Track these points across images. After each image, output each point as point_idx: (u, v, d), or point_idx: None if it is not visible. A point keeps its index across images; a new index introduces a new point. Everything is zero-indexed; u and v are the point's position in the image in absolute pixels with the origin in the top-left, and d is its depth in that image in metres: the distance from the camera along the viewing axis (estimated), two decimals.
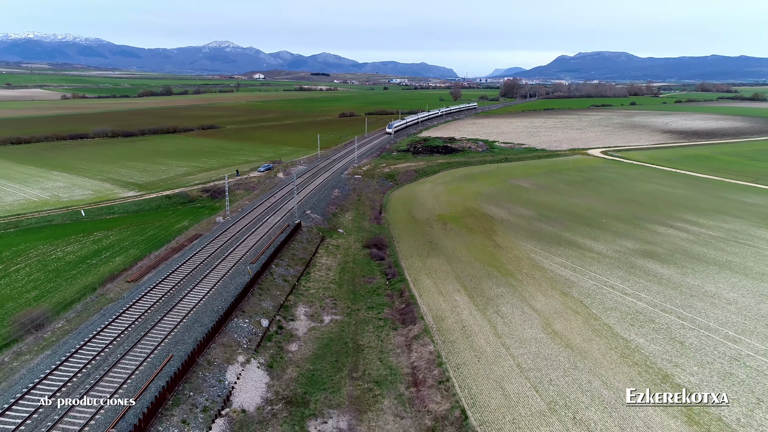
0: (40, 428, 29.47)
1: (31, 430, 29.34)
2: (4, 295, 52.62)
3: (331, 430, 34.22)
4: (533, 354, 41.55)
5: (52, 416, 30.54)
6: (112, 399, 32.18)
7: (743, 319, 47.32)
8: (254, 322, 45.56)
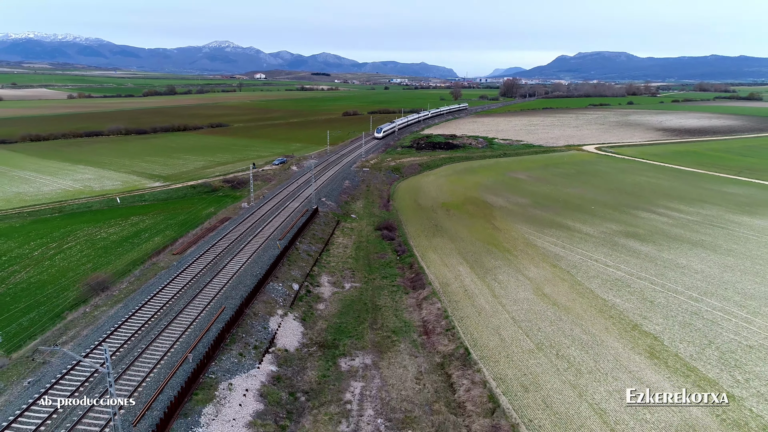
0: (132, 353, 37.08)
1: (124, 356, 36.93)
2: (64, 266, 60.21)
3: (359, 364, 41.80)
4: (525, 310, 49.16)
5: (138, 346, 38.12)
6: (183, 336, 39.79)
7: (706, 284, 54.93)
8: (287, 286, 53.15)
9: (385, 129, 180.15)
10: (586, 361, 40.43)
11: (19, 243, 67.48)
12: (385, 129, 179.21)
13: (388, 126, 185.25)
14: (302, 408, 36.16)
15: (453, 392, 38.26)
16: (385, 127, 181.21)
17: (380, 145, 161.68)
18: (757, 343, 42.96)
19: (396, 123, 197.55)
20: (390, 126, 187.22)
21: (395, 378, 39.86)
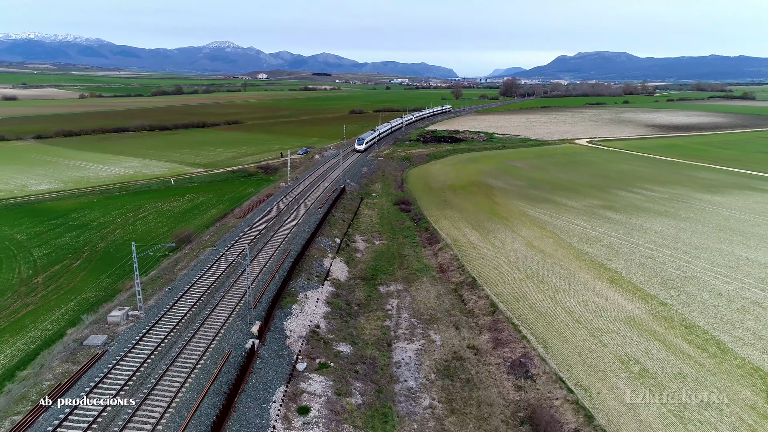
0: (234, 275, 51.36)
1: (229, 275, 51.18)
2: (146, 229, 74.49)
3: (393, 290, 56.07)
4: (518, 255, 63.48)
5: (230, 280, 52.32)
6: (265, 267, 54.06)
7: (662, 240, 69.25)
8: (331, 239, 67.47)
9: (368, 139, 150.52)
10: (562, 285, 54.74)
11: (101, 213, 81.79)
12: (367, 139, 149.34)
13: (370, 135, 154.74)
14: (356, 312, 50.48)
15: (464, 304, 52.60)
16: (368, 137, 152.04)
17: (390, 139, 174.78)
18: (691, 275, 57.24)
19: (378, 130, 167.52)
20: (372, 135, 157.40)
21: (421, 296, 54.17)
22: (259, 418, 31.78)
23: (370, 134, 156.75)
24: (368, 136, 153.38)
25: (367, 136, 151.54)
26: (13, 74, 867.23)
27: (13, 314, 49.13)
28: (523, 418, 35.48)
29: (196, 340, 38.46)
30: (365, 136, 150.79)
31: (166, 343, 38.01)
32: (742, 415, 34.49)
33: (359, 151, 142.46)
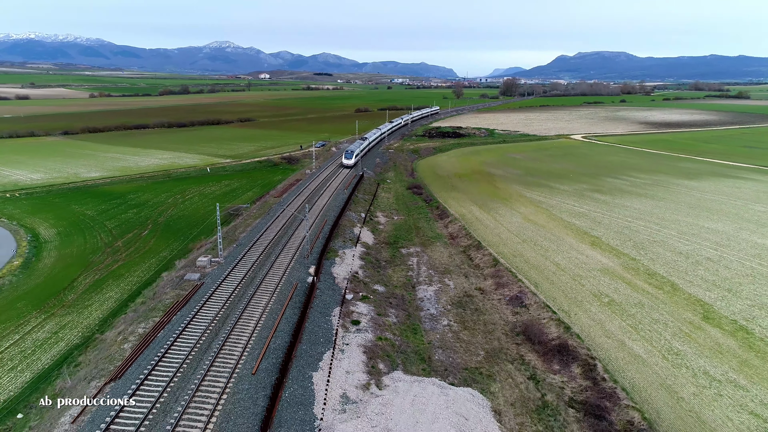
0: (286, 236, 63.25)
1: (281, 237, 63.10)
2: (194, 207, 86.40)
3: (413, 251, 67.93)
4: (516, 226, 75.42)
5: (283, 240, 64.15)
6: (310, 230, 65.99)
7: (639, 214, 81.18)
8: (357, 214, 79.42)
9: (358, 151, 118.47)
10: (552, 246, 66.68)
11: (153, 195, 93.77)
12: (357, 151, 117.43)
13: (358, 146, 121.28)
14: (385, 265, 62.39)
15: (471, 260, 64.53)
16: (356, 148, 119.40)
17: (397, 135, 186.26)
18: (659, 240, 69.16)
19: (368, 138, 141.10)
20: (362, 146, 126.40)
21: (436, 256, 66.11)
22: (326, 324, 43.71)
23: (358, 144, 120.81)
24: (356, 147, 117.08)
25: (355, 148, 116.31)
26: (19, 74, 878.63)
27: (108, 267, 61.11)
28: (518, 331, 47.37)
29: (270, 276, 50.36)
30: (354, 148, 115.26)
31: (247, 278, 49.92)
32: (681, 327, 46.39)
33: (347, 167, 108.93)
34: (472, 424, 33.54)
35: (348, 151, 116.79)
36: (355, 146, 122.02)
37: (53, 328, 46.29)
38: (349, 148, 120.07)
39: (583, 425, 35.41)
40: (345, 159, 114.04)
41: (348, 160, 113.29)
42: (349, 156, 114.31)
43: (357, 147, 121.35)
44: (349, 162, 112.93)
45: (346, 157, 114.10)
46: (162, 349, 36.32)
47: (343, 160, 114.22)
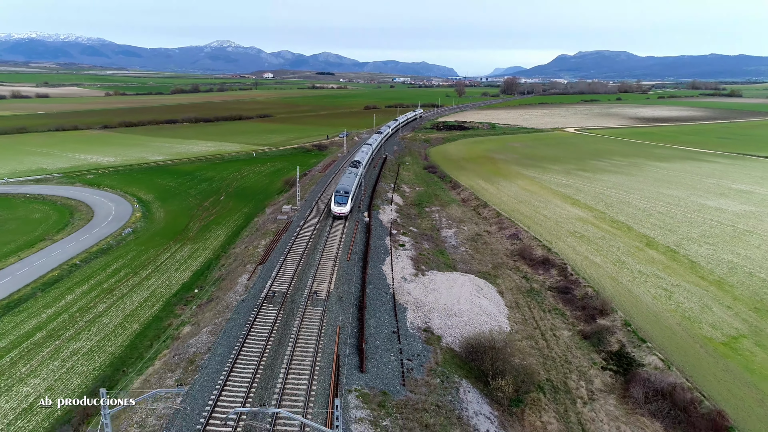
0: None
1: (331, 196, 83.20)
2: (254, 181, 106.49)
3: (434, 209, 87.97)
4: (514, 193, 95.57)
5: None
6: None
7: (613, 185, 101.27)
8: (387, 184, 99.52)
9: (353, 190, 73.36)
10: (541, 205, 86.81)
11: (216, 173, 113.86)
12: (353, 191, 73.07)
13: (349, 182, 75.29)
14: (414, 217, 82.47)
15: (479, 215, 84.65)
16: (349, 184, 74.05)
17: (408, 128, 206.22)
18: (625, 201, 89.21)
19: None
20: (354, 183, 76.54)
21: (452, 212, 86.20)
22: (383, 244, 63.75)
23: (347, 179, 76.03)
24: (347, 184, 73.49)
25: (348, 184, 73.17)
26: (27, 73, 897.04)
27: (207, 218, 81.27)
28: (515, 253, 67.45)
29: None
30: (346, 185, 72.50)
31: (322, 218, 69.95)
32: (629, 249, 66.42)
33: (340, 217, 69.47)
34: (485, 291, 53.72)
35: (339, 193, 76.36)
36: (345, 182, 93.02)
37: (190, 250, 66.47)
38: (340, 185, 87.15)
39: (556, 298, 55.54)
40: (336, 206, 70.82)
41: (340, 208, 73.11)
42: (342, 200, 72.70)
43: (347, 183, 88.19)
44: (343, 211, 71.96)
45: (338, 203, 71.46)
46: (285, 249, 56.41)
47: (333, 206, 73.98)
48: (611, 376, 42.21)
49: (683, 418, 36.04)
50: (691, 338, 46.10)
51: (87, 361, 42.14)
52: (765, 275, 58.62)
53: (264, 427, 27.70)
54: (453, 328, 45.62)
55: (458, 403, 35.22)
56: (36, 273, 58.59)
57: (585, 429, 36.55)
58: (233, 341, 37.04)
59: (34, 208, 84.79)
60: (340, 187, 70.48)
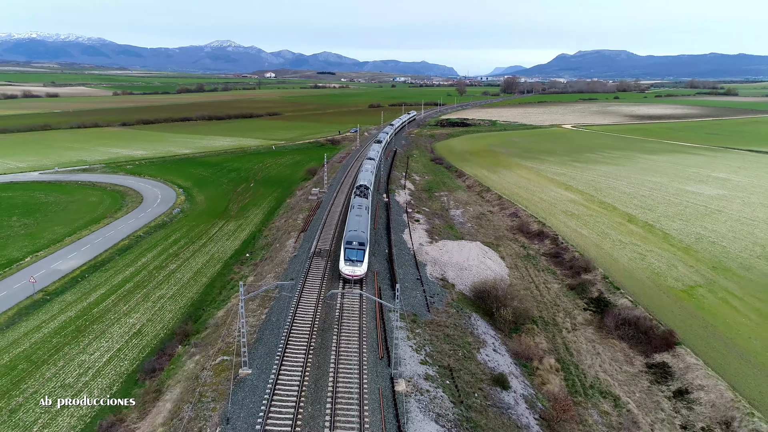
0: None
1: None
2: (277, 171, 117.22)
3: (442, 194, 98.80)
4: (513, 180, 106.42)
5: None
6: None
7: (603, 174, 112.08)
8: (399, 173, 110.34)
9: (364, 244, 48.91)
10: (537, 190, 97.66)
11: (241, 164, 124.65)
12: (365, 243, 49.13)
13: (357, 248, 47.88)
14: (426, 200, 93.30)
15: (483, 198, 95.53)
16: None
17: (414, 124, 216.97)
18: (613, 186, 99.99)
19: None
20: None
21: (459, 196, 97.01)
22: (401, 219, 74.56)
23: (358, 219, 56.39)
24: (362, 225, 54.06)
25: (362, 226, 54.00)
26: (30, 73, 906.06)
27: (243, 200, 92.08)
28: (514, 228, 78.28)
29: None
30: (360, 227, 52.76)
31: (346, 198, 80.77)
32: (612, 224, 77.18)
33: (351, 281, 47.55)
34: (489, 254, 64.56)
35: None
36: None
37: (235, 225, 77.35)
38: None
39: (549, 261, 66.40)
40: None
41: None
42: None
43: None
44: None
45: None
46: (321, 221, 67.25)
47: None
48: (591, 315, 53.08)
49: (644, 339, 46.84)
50: (656, 287, 56.93)
51: (172, 303, 52.96)
52: (726, 244, 69.40)
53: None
54: (464, 278, 56.50)
55: (470, 326, 46.09)
56: (109, 242, 69.42)
57: (568, 347, 47.40)
58: (297, 279, 47.84)
59: (88, 192, 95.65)
60: (352, 235, 47.78)
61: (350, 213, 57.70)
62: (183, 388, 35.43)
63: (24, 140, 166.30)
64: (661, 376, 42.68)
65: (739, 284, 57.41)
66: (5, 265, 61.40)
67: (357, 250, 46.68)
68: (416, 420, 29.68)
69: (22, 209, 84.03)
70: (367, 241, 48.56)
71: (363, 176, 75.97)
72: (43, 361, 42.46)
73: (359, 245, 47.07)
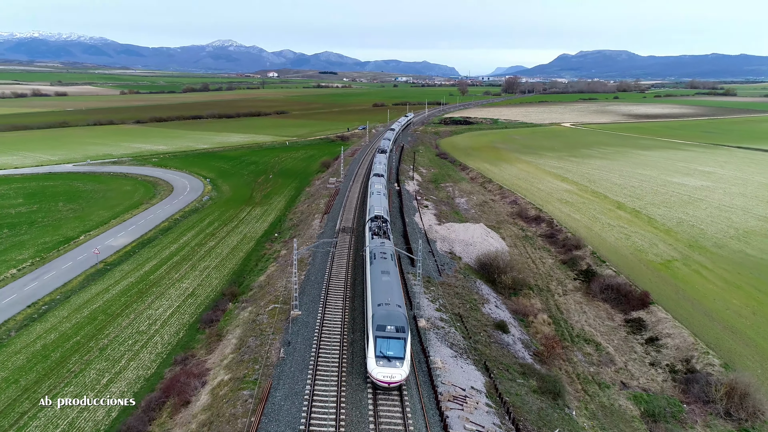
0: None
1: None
2: (293, 164, 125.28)
3: (448, 185, 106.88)
4: (514, 173, 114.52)
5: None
6: None
7: (597, 167, 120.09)
8: (407, 166, 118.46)
9: (404, 331, 31.76)
10: (535, 181, 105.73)
11: (258, 158, 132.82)
12: (405, 328, 31.82)
13: (396, 336, 30.74)
14: (433, 190, 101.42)
15: (485, 188, 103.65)
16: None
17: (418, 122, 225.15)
18: (605, 178, 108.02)
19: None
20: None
21: (463, 187, 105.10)
22: (412, 205, 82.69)
23: (389, 289, 35.68)
24: (396, 297, 34.48)
25: (397, 297, 34.64)
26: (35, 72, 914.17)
27: (265, 189, 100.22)
28: (514, 214, 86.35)
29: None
30: (399, 312, 32.04)
31: (363, 186, 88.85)
32: (603, 210, 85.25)
33: (387, 387, 30.66)
34: (491, 234, 72.68)
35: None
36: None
37: (261, 210, 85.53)
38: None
39: (544, 241, 74.51)
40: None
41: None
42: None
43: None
44: None
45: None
46: (342, 205, 75.35)
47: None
48: (580, 283, 61.19)
49: (623, 300, 54.95)
50: (638, 261, 65.04)
51: (216, 272, 61.13)
52: (704, 227, 77.44)
53: None
54: (469, 252, 64.64)
55: (475, 288, 54.25)
56: (151, 224, 77.62)
57: (559, 307, 55.54)
58: (327, 250, 55.99)
59: (121, 182, 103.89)
60: (384, 314, 31.51)
61: (371, 268, 38.47)
62: (243, 329, 43.57)
63: (48, 136, 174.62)
64: (636, 328, 50.80)
65: (711, 259, 65.47)
66: (64, 242, 69.62)
67: (395, 340, 30.13)
68: (435, 345, 37.78)
69: (66, 196, 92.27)
70: (407, 322, 31.41)
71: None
72: (117, 314, 50.64)
73: (397, 331, 30.24)
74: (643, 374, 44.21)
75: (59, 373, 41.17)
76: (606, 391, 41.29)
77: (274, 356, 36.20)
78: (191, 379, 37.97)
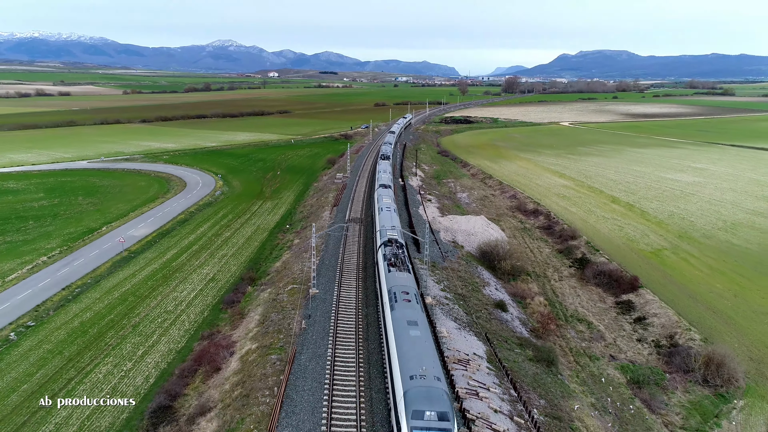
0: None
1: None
2: (300, 161, 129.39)
3: (450, 181, 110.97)
4: (513, 170, 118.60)
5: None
6: None
7: (594, 164, 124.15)
8: (410, 163, 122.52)
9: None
10: (534, 177, 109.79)
11: (266, 155, 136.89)
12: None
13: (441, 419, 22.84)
14: (435, 185, 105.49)
15: (486, 184, 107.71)
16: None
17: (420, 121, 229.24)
18: (602, 174, 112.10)
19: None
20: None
21: (464, 182, 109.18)
22: (416, 198, 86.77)
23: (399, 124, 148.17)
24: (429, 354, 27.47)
25: (432, 355, 27.43)
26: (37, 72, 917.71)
27: (274, 184, 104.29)
28: (513, 208, 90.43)
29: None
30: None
31: (369, 181, 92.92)
32: (598, 204, 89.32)
33: None
34: (492, 226, 76.80)
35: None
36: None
37: (272, 204, 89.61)
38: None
39: (542, 232, 78.63)
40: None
41: None
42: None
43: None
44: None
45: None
46: (350, 198, 79.44)
47: None
48: (574, 270, 65.28)
49: (615, 284, 59.04)
50: (630, 250, 69.15)
51: (234, 260, 65.20)
52: (693, 219, 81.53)
53: None
54: (471, 242, 68.74)
55: (476, 273, 58.36)
56: (169, 216, 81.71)
57: (555, 291, 59.63)
58: (339, 237, 60.05)
59: (135, 178, 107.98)
60: (420, 391, 23.53)
61: (393, 317, 30.92)
62: (264, 307, 47.66)
63: (57, 135, 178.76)
64: (625, 309, 54.93)
65: (699, 248, 69.59)
66: (88, 233, 73.72)
67: (443, 420, 22.66)
68: (441, 318, 41.88)
69: (84, 191, 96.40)
70: (452, 405, 24.42)
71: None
72: (145, 296, 54.72)
73: (440, 419, 22.66)
74: (630, 348, 48.31)
75: (98, 346, 45.25)
76: (596, 362, 45.37)
77: (296, 327, 40.28)
78: (220, 350, 42.05)
